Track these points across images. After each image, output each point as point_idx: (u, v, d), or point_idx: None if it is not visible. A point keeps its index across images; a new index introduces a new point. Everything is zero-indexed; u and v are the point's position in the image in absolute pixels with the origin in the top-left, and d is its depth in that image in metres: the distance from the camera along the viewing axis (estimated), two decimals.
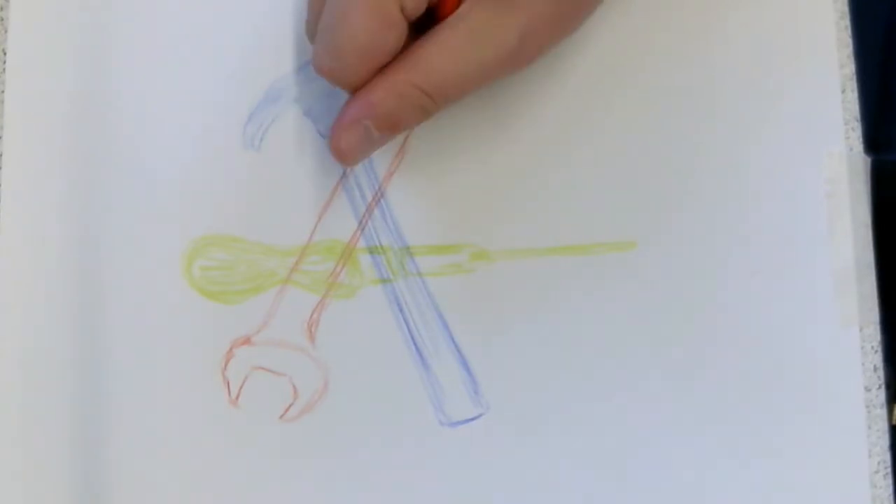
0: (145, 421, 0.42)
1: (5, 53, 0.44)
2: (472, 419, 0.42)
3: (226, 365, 0.42)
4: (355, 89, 0.39)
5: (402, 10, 0.38)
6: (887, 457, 0.42)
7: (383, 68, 0.39)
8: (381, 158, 0.43)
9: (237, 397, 0.42)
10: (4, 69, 0.44)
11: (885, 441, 0.42)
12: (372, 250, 0.43)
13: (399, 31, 0.38)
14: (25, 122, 0.43)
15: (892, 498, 0.42)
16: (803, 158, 0.43)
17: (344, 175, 0.43)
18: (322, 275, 0.42)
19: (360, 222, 0.43)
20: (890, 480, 0.42)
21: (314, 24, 0.40)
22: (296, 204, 0.43)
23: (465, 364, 0.42)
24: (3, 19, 0.44)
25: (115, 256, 0.42)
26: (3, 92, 0.44)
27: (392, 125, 0.39)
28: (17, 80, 0.43)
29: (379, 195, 0.43)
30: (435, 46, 0.38)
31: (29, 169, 0.43)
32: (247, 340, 0.42)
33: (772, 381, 0.42)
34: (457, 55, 0.38)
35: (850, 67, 0.44)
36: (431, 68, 0.38)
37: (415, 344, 0.42)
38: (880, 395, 0.42)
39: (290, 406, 0.42)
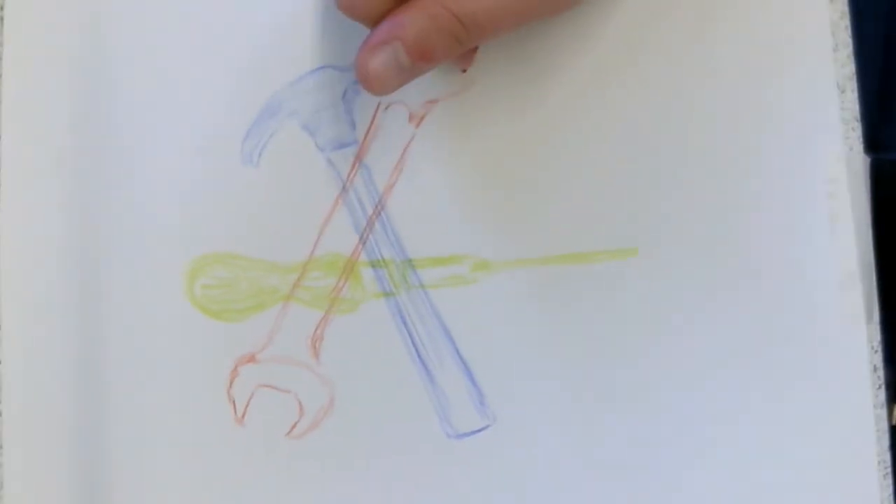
0: (151, 442, 0.42)
1: (1, 55, 0.43)
2: (479, 431, 0.42)
3: (231, 383, 0.42)
4: (376, 22, 0.38)
5: None
6: (887, 457, 0.43)
7: None
8: (380, 171, 0.43)
9: (243, 416, 0.42)
10: (2, 71, 0.43)
11: (886, 441, 0.43)
12: (374, 264, 0.42)
13: None
14: (24, 128, 0.42)
15: (892, 498, 0.42)
16: (803, 159, 0.43)
17: (344, 189, 0.43)
18: (324, 290, 0.42)
19: (361, 236, 0.43)
20: (890, 480, 0.42)
21: None
22: (296, 219, 0.42)
23: (470, 375, 0.42)
24: (1, 19, 0.43)
25: (115, 277, 0.42)
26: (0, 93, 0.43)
27: (423, 51, 0.38)
28: (16, 82, 0.43)
29: (379, 208, 0.43)
30: None
31: (27, 181, 0.42)
32: (251, 358, 0.42)
33: (773, 382, 0.43)
34: None
35: (850, 67, 0.43)
36: None
37: (419, 356, 0.42)
38: (880, 395, 0.43)
39: (296, 423, 0.42)
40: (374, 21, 0.38)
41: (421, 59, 0.38)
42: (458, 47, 0.38)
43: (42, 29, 0.43)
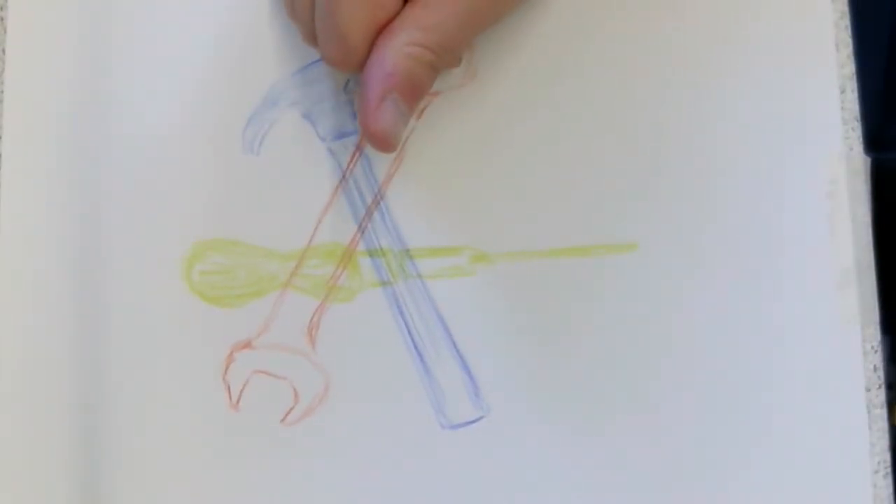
0: (146, 426, 0.42)
1: (5, 53, 0.44)
2: (473, 422, 0.42)
3: (226, 369, 0.42)
4: (360, 66, 0.40)
5: None
6: (887, 457, 0.42)
7: (378, 39, 0.39)
8: (380, 161, 0.43)
9: (238, 401, 0.42)
10: (4, 69, 0.44)
11: (885, 441, 0.42)
12: (372, 253, 0.43)
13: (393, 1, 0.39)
14: (25, 124, 0.43)
15: (892, 498, 0.42)
16: (803, 159, 0.43)
17: (343, 178, 0.43)
18: (322, 278, 0.42)
19: (360, 225, 0.43)
20: (890, 480, 0.42)
21: (308, 24, 0.40)
22: (295, 207, 0.43)
23: (465, 367, 0.42)
24: (2, 19, 0.44)
25: (114, 261, 0.42)
26: (2, 92, 0.43)
27: (414, 91, 0.40)
28: (17, 81, 0.43)
29: (378, 198, 0.43)
30: (427, 4, 0.39)
31: (28, 171, 0.43)
32: (247, 344, 0.42)
33: (772, 380, 0.42)
34: (448, 10, 0.39)
35: (851, 67, 0.43)
36: (429, 26, 0.39)
37: (415, 347, 0.42)
38: (880, 395, 0.42)
39: (290, 410, 0.42)
40: (359, 67, 0.40)
41: (414, 100, 0.40)
42: (435, 74, 0.40)
43: (43, 21, 0.44)
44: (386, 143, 0.40)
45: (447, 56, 0.40)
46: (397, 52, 0.39)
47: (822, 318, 0.43)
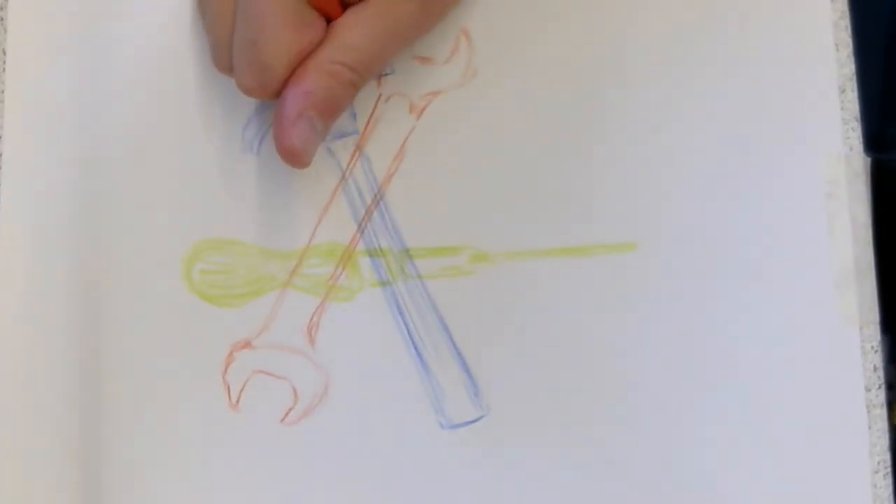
0: (145, 425, 0.42)
1: (5, 53, 0.44)
2: (473, 421, 0.42)
3: (226, 369, 0.42)
4: (278, 96, 0.40)
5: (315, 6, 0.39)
6: (887, 457, 0.42)
7: None
8: (380, 161, 0.43)
9: (238, 401, 0.42)
10: (4, 69, 0.44)
11: (885, 441, 0.42)
12: (371, 253, 0.43)
13: (318, 28, 0.39)
14: (25, 122, 0.43)
15: (892, 498, 0.42)
16: (803, 159, 0.43)
17: (343, 178, 0.43)
18: (322, 278, 0.43)
19: (360, 225, 0.43)
20: (890, 480, 0.42)
21: (224, 48, 0.40)
22: (295, 207, 0.43)
23: (465, 366, 0.42)
24: (2, 19, 0.44)
25: (114, 260, 0.42)
26: (2, 92, 0.44)
27: (331, 110, 0.40)
28: (17, 81, 0.43)
29: (378, 198, 0.43)
30: (349, 26, 0.39)
31: (28, 171, 0.43)
32: (247, 344, 0.42)
33: (772, 381, 0.42)
34: (369, 30, 0.39)
35: (850, 67, 0.43)
36: (350, 46, 0.39)
37: (415, 346, 0.42)
38: (880, 395, 0.42)
39: (290, 410, 0.42)
40: (277, 96, 0.40)
41: (331, 118, 0.40)
42: (355, 92, 0.40)
43: (44, 26, 0.44)
44: (297, 159, 0.39)
45: (368, 74, 0.40)
46: (319, 70, 0.39)
47: (821, 317, 0.43)
